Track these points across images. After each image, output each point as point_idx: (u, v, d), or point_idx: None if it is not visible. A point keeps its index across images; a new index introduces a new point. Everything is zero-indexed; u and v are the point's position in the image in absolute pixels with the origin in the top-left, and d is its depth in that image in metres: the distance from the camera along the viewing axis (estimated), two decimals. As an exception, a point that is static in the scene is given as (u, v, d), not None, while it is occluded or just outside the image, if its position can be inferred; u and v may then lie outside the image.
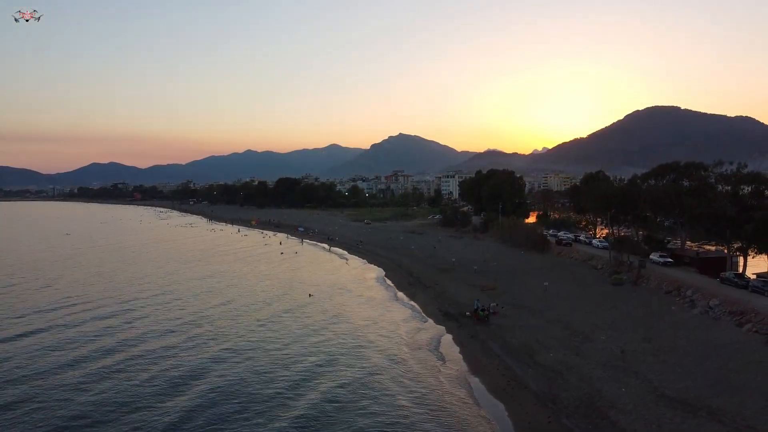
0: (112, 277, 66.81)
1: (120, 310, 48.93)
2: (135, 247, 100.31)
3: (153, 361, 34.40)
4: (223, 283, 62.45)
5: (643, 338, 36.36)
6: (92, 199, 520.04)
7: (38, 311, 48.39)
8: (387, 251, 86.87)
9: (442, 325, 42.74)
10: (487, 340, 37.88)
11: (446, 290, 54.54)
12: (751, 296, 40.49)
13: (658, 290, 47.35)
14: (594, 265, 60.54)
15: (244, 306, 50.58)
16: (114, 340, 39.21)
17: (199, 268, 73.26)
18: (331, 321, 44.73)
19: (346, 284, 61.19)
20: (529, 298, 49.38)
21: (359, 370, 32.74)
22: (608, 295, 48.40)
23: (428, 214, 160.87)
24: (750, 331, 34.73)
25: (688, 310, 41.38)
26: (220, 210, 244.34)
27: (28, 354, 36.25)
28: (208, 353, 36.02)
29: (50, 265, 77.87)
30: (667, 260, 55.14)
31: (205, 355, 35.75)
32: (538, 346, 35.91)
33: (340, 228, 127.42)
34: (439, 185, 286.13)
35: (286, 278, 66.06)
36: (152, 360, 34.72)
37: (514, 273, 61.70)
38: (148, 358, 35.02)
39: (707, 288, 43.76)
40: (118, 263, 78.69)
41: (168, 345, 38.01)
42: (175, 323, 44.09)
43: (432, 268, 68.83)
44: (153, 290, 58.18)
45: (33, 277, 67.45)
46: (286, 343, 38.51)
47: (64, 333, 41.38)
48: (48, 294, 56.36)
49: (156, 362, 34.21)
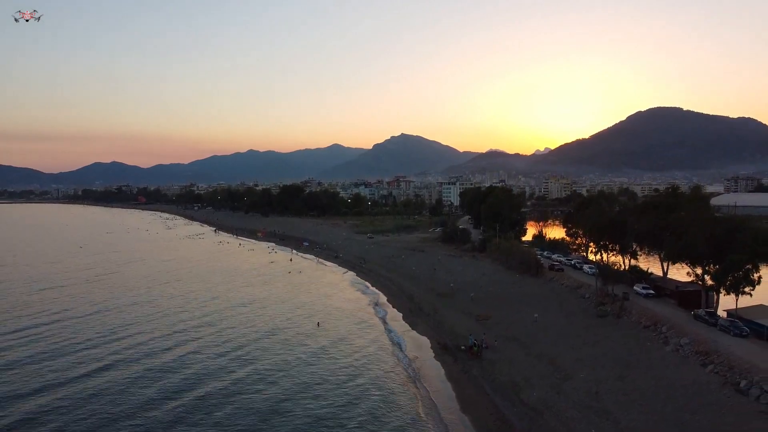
0: (149, 303, 70.63)
1: (180, 341, 52.88)
2: (154, 266, 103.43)
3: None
4: (240, 311, 66.83)
5: (618, 376, 40.66)
6: (96, 201, 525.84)
7: (99, 343, 52.18)
8: (389, 271, 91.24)
9: (439, 359, 47.08)
10: (479, 376, 42.23)
11: (444, 319, 58.89)
12: (719, 335, 44.70)
13: (637, 324, 51.58)
14: (582, 294, 64.78)
15: (264, 336, 54.90)
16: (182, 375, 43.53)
17: (225, 294, 76.25)
18: (335, 353, 49.04)
19: (350, 310, 65.50)
20: (520, 330, 53.71)
21: (353, 407, 37.06)
22: (592, 329, 52.66)
23: (429, 225, 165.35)
24: (711, 372, 38.98)
25: (662, 347, 45.63)
26: (226, 217, 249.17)
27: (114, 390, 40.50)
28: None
29: (84, 287, 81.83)
30: (649, 292, 59.46)
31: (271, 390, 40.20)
32: (524, 383, 40.24)
33: (344, 242, 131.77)
34: (440, 192, 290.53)
35: (293, 303, 70.36)
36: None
37: (508, 301, 66.00)
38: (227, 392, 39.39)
39: (680, 325, 48.00)
40: (147, 288, 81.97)
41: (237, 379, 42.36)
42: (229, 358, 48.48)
43: (431, 292, 73.23)
44: (193, 322, 60.36)
45: (74, 302, 71.26)
46: (285, 377, 42.85)
47: (133, 368, 45.26)
48: (100, 322, 60.39)
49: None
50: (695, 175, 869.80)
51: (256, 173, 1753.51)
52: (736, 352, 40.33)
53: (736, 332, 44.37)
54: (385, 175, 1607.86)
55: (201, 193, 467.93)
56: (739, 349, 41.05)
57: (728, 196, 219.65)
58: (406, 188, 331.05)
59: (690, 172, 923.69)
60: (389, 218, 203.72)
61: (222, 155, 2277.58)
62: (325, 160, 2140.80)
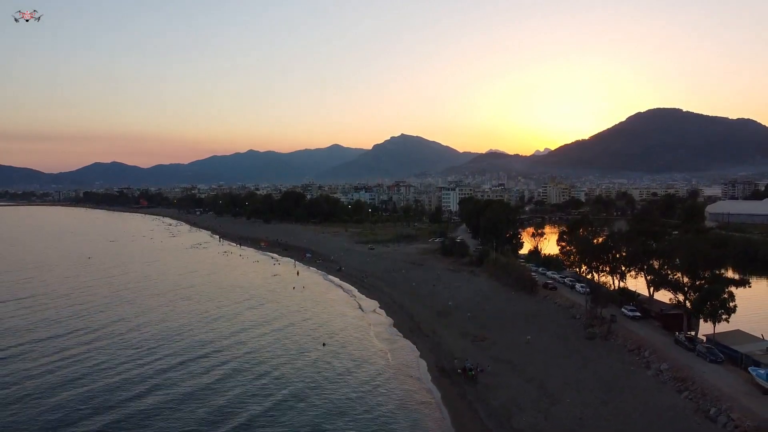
0: (158, 324, 74.50)
1: (185, 369, 56.55)
2: (161, 281, 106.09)
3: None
4: (247, 332, 70.41)
5: (602, 401, 44.27)
6: (98, 204, 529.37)
7: (95, 377, 56.11)
8: (390, 287, 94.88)
9: (437, 382, 50.65)
10: (474, 401, 45.82)
11: (442, 340, 62.49)
12: (696, 361, 48.25)
13: (622, 348, 55.14)
14: (573, 314, 68.34)
15: (269, 358, 58.46)
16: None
17: (232, 315, 79.04)
18: (340, 376, 52.61)
19: (353, 330, 69.08)
20: (513, 352, 57.28)
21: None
22: (581, 351, 56.20)
23: (429, 235, 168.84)
24: (686, 398, 42.55)
25: (644, 371, 49.20)
26: (228, 224, 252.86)
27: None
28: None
29: (96, 303, 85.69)
30: (635, 314, 63.09)
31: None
32: (515, 408, 43.82)
33: (346, 254, 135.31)
34: (440, 198, 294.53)
35: (300, 323, 73.94)
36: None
37: (504, 320, 69.54)
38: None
39: (662, 350, 51.57)
40: (155, 307, 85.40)
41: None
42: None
43: (431, 310, 76.88)
44: (199, 346, 62.36)
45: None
46: (292, 395, 46.48)
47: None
48: (99, 347, 64.25)
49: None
50: (695, 177, 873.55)
51: (256, 173, 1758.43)
52: (709, 379, 43.90)
53: (711, 359, 47.90)
54: (385, 176, 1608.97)
55: (202, 196, 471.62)
56: (712, 376, 44.62)
57: (723, 204, 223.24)
58: (406, 193, 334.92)
59: (689, 174, 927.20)
60: (389, 226, 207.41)
61: (222, 155, 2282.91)
62: (325, 160, 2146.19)
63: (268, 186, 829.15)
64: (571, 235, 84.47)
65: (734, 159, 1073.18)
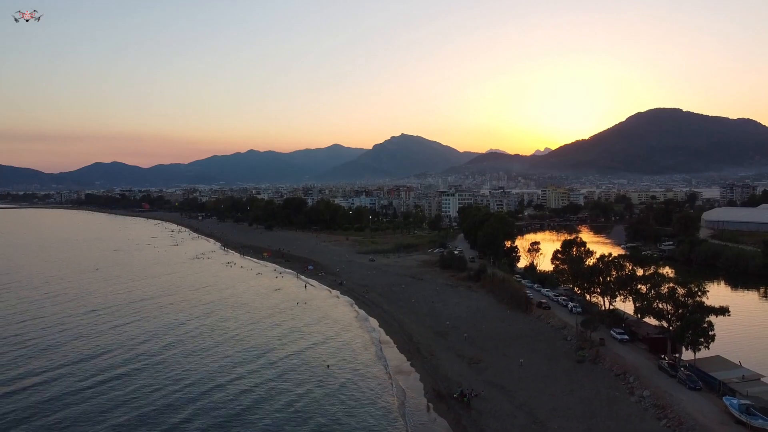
0: (165, 347, 77.89)
1: (190, 395, 60.06)
2: (168, 299, 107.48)
3: None
4: (253, 353, 73.72)
5: (587, 428, 47.51)
6: (100, 207, 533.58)
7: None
8: (390, 303, 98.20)
9: (434, 406, 53.88)
10: (468, 426, 49.09)
11: (440, 363, 65.72)
12: (676, 388, 51.42)
13: (609, 372, 58.37)
14: (565, 335, 71.57)
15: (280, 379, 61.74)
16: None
17: (239, 336, 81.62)
18: (343, 399, 55.89)
19: (356, 351, 72.27)
20: (506, 376, 60.52)
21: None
22: (570, 374, 59.40)
23: (428, 244, 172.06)
24: (665, 426, 45.74)
25: (628, 397, 52.40)
26: (230, 230, 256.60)
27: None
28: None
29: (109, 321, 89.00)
30: (624, 337, 66.34)
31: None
32: (505, 435, 47.11)
33: (347, 266, 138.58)
34: (439, 204, 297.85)
35: (305, 342, 77.23)
36: None
37: (498, 340, 72.78)
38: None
39: (645, 376, 54.78)
40: (164, 327, 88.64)
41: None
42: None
43: (429, 330, 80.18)
44: (205, 369, 65.71)
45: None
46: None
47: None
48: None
49: None
50: (694, 178, 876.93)
51: (257, 173, 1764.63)
52: (686, 407, 47.11)
53: (690, 386, 51.13)
54: (385, 177, 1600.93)
55: (204, 199, 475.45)
56: (689, 404, 47.83)
57: (719, 211, 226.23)
58: (406, 198, 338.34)
59: (689, 174, 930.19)
60: (390, 233, 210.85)
61: (222, 155, 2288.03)
62: (325, 160, 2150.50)
63: (268, 187, 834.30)
64: (564, 254, 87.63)
65: (734, 159, 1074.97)
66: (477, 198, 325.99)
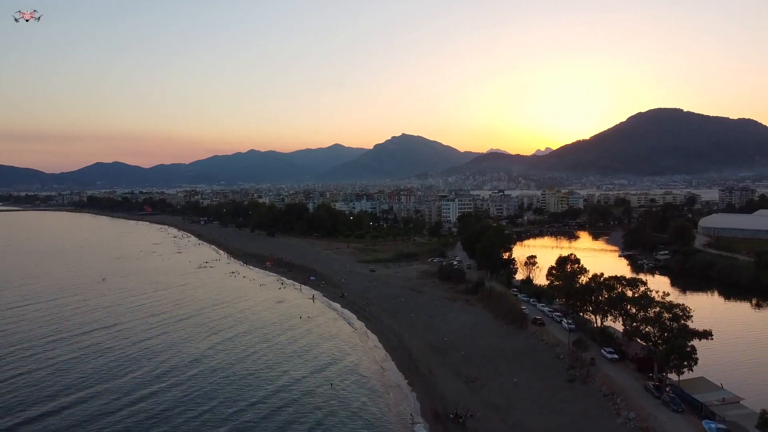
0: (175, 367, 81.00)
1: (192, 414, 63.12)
2: (173, 313, 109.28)
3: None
4: (257, 363, 76.79)
5: (575, 449, 50.49)
6: (102, 210, 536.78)
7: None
8: (390, 317, 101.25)
9: (431, 427, 56.89)
10: (463, 448, 52.12)
11: (437, 382, 68.70)
12: (660, 410, 54.27)
13: (598, 392, 61.30)
14: (558, 353, 74.49)
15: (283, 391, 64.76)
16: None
17: (244, 355, 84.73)
18: (344, 418, 58.89)
19: (358, 369, 75.31)
20: (501, 395, 63.43)
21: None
22: (561, 394, 62.29)
23: (428, 253, 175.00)
24: (648, 448, 48.76)
25: (615, 418, 55.35)
26: (233, 236, 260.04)
27: None
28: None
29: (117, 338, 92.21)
30: (613, 356, 69.25)
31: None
32: (498, 456, 50.07)
33: (348, 276, 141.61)
34: (440, 209, 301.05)
35: (307, 359, 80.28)
36: None
37: (494, 358, 75.64)
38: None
39: (632, 397, 57.69)
40: (171, 344, 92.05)
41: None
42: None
43: (428, 346, 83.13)
44: (207, 389, 70.22)
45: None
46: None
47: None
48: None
49: None
50: (695, 178, 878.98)
51: (257, 173, 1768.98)
52: (669, 430, 50.05)
53: (674, 408, 54.04)
54: (386, 177, 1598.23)
55: (205, 202, 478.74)
56: (672, 426, 50.75)
57: (715, 218, 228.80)
58: (407, 202, 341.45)
59: (690, 175, 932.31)
60: (390, 240, 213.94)
61: (223, 155, 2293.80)
62: (326, 160, 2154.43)
63: (269, 188, 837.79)
64: (558, 270, 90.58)
65: (735, 159, 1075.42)
66: (477, 202, 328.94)
